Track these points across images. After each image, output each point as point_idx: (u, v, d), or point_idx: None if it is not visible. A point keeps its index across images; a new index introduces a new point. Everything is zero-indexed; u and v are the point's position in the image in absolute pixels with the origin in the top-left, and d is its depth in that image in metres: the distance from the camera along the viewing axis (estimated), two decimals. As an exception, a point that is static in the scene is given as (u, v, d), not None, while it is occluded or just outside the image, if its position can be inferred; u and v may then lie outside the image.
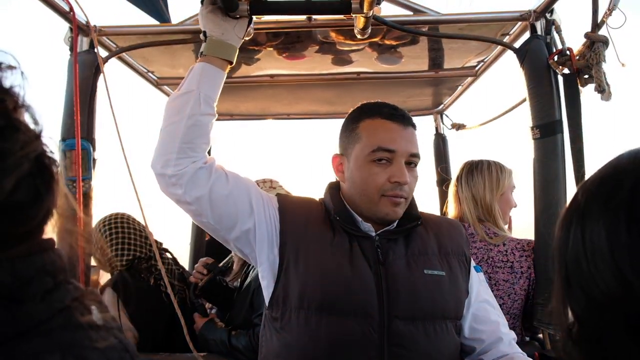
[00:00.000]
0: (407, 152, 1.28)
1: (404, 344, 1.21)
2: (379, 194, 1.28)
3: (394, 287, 1.24)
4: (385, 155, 1.27)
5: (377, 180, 1.27)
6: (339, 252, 1.27)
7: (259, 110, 3.37)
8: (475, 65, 2.54)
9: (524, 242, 1.94)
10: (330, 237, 1.29)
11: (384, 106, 1.34)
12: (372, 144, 1.28)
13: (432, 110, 3.38)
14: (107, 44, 2.05)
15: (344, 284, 1.23)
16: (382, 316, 1.21)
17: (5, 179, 0.45)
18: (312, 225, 1.31)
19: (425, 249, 1.34)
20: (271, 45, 2.18)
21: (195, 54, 2.31)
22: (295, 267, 1.26)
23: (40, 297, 0.48)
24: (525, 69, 1.88)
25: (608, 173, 0.58)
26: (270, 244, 1.30)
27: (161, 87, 2.71)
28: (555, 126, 1.81)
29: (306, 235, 1.29)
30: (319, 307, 1.22)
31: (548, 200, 1.83)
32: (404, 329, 1.22)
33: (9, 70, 0.48)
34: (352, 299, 1.22)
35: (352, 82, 2.63)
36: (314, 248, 1.27)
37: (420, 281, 1.27)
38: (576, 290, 0.56)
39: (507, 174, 2.02)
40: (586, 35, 1.70)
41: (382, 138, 1.28)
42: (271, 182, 2.32)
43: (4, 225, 0.47)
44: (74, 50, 1.82)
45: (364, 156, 1.30)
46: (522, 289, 1.89)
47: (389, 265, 1.27)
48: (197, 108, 1.26)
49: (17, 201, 0.47)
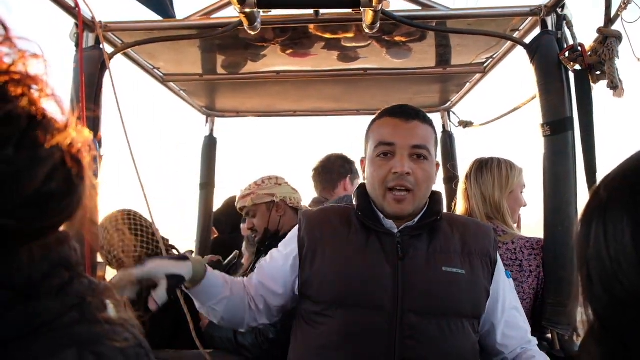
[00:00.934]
0: (407, 144, 1.32)
1: (417, 337, 1.24)
2: (384, 187, 1.34)
3: (411, 281, 1.28)
4: (386, 149, 1.34)
5: (380, 173, 1.34)
6: (354, 247, 1.33)
7: (265, 107, 3.36)
8: (483, 62, 2.51)
9: (533, 240, 1.91)
10: (346, 233, 1.37)
11: (395, 106, 1.41)
12: (375, 141, 1.37)
13: (439, 108, 3.35)
14: (113, 40, 2.04)
15: (357, 277, 1.29)
16: (396, 309, 1.25)
17: (38, 168, 0.44)
18: (329, 225, 1.40)
19: (448, 247, 1.36)
20: (277, 42, 2.16)
21: (201, 50, 2.30)
22: (311, 264, 1.36)
23: (56, 291, 0.48)
24: (536, 65, 1.86)
25: (632, 167, 0.55)
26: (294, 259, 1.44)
27: (167, 83, 2.70)
28: (566, 123, 1.78)
29: (322, 235, 1.38)
30: (333, 300, 1.30)
31: (558, 198, 1.81)
32: (418, 323, 1.25)
33: (33, 59, 0.47)
34: (364, 291, 1.28)
35: (358, 78, 2.61)
36: (330, 245, 1.35)
37: (437, 278, 1.30)
38: (597, 289, 0.54)
39: (517, 172, 2.00)
40: (599, 30, 1.67)
41: (383, 133, 1.36)
42: (277, 179, 2.31)
43: (34, 216, 0.45)
44: (79, 46, 1.81)
45: (372, 154, 1.38)
46: (530, 288, 1.86)
47: (408, 260, 1.31)
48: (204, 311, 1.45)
49: (51, 191, 0.46)
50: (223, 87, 2.94)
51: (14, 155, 0.42)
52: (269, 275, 1.43)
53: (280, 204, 2.21)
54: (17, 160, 0.42)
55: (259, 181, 2.28)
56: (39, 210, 0.46)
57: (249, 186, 2.28)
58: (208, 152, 3.46)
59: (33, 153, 0.44)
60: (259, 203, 2.21)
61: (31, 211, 0.45)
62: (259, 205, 2.22)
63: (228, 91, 3.03)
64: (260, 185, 2.25)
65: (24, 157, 0.43)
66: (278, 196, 2.22)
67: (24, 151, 0.43)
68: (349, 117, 3.47)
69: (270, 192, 2.22)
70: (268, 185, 2.25)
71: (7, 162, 0.41)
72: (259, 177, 2.32)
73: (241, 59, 2.40)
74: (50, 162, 0.45)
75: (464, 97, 3.09)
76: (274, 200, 2.21)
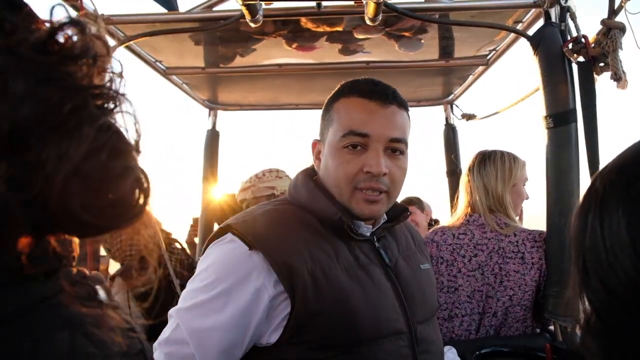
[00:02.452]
0: (384, 136, 1.06)
1: (428, 348, 1.10)
2: (352, 187, 1.07)
3: (409, 291, 1.11)
4: (358, 140, 1.06)
5: (347, 169, 1.06)
6: (342, 264, 1.05)
7: (267, 100, 3.36)
8: (486, 54, 2.50)
9: (535, 233, 1.92)
10: (325, 246, 1.05)
11: (364, 82, 1.12)
12: (343, 127, 1.07)
13: (442, 100, 3.34)
14: (115, 33, 2.04)
15: (367, 302, 1.02)
16: (409, 327, 1.07)
17: (126, 178, 0.47)
18: (298, 239, 1.04)
19: (408, 244, 1.23)
20: (279, 35, 2.16)
21: (203, 43, 2.30)
22: (307, 300, 0.98)
23: (45, 275, 0.48)
24: (539, 57, 1.85)
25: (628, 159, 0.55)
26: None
27: (169, 76, 2.70)
28: (569, 115, 1.78)
29: (302, 254, 1.01)
30: (349, 338, 1.00)
31: (561, 191, 1.81)
32: (425, 333, 1.11)
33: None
34: (380, 318, 1.03)
35: (361, 71, 2.60)
36: (319, 267, 1.01)
37: (421, 279, 1.17)
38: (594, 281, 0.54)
39: (521, 165, 1.99)
40: (602, 22, 1.66)
41: (354, 119, 1.07)
42: (277, 172, 2.32)
43: (113, 216, 0.49)
44: (82, 39, 1.80)
45: (335, 142, 1.08)
46: (533, 280, 1.87)
47: (395, 267, 1.13)
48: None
49: (129, 197, 0.48)
50: (225, 80, 2.94)
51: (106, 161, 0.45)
52: (227, 341, 0.98)
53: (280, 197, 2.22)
54: (110, 167, 0.45)
55: (260, 174, 2.29)
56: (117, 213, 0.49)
57: (250, 178, 2.29)
58: (211, 145, 3.46)
59: (123, 162, 0.47)
60: (259, 196, 2.22)
61: (111, 211, 0.48)
62: (260, 197, 2.22)
63: (230, 84, 3.03)
64: (261, 178, 2.26)
65: (117, 165, 0.46)
66: (279, 189, 2.23)
67: (116, 160, 0.46)
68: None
69: (270, 185, 2.23)
70: (269, 178, 2.26)
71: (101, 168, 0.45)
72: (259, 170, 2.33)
73: (243, 51, 2.40)
74: (134, 173, 0.48)
75: (467, 90, 3.08)
76: (274, 193, 2.22)
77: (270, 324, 1.00)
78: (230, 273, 0.99)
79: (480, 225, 1.93)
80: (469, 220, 1.96)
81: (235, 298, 0.98)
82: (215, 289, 0.99)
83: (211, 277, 1.01)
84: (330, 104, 1.15)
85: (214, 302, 0.98)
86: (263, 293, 0.98)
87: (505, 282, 1.86)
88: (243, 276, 0.99)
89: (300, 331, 0.98)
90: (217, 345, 0.97)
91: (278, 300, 0.99)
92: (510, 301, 1.87)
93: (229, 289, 0.98)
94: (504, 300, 1.87)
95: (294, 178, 1.22)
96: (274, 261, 0.98)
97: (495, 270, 1.87)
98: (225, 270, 1.00)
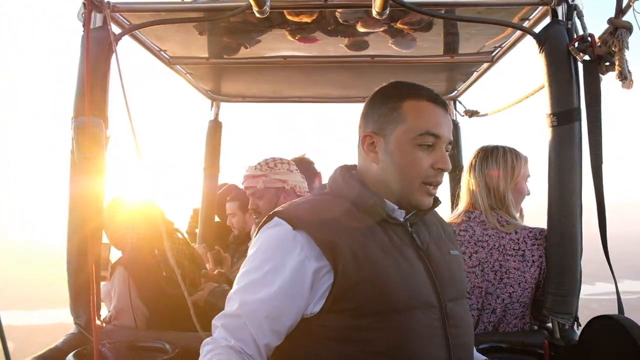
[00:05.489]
0: (448, 138, 1.24)
1: (458, 324, 1.22)
2: (420, 180, 1.22)
3: (439, 271, 1.23)
4: (432, 140, 1.22)
5: (421, 165, 1.22)
6: (378, 244, 1.18)
7: (271, 92, 3.36)
8: (491, 51, 2.49)
9: (536, 230, 1.92)
10: (362, 228, 1.19)
11: (424, 89, 1.28)
12: (419, 127, 1.21)
13: (446, 97, 3.33)
14: (121, 21, 2.03)
15: (401, 276, 1.16)
16: (440, 301, 1.19)
17: None
18: (338, 223, 1.18)
19: (439, 232, 1.35)
20: (285, 27, 2.15)
21: (208, 33, 2.29)
22: (348, 273, 1.12)
23: None
24: (545, 55, 1.84)
25: None
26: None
27: (174, 66, 2.69)
28: (573, 114, 1.78)
29: (341, 235, 1.15)
30: (385, 308, 1.13)
31: (563, 189, 1.81)
32: (455, 310, 1.23)
33: None
34: (413, 290, 1.17)
35: (366, 65, 2.60)
36: (357, 246, 1.15)
37: (451, 262, 1.30)
38: None
39: (523, 162, 1.99)
40: (609, 21, 1.65)
41: (430, 121, 1.22)
42: (289, 165, 2.29)
43: None
44: (87, 26, 1.80)
45: (409, 139, 1.22)
46: (532, 278, 1.88)
47: (427, 250, 1.26)
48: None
49: None
50: (229, 72, 2.93)
51: None
52: (276, 310, 1.13)
53: (289, 191, 2.21)
54: None
55: (272, 163, 2.24)
56: None
57: (260, 166, 2.23)
58: (213, 136, 3.46)
59: None
60: (269, 187, 2.20)
61: None
62: (269, 189, 2.21)
63: (234, 75, 3.02)
64: (273, 168, 2.22)
65: None
66: (289, 184, 2.21)
67: None
68: (354, 104, 3.45)
69: (283, 178, 2.21)
70: (281, 170, 2.23)
71: None
72: (269, 157, 2.30)
73: (248, 43, 2.39)
74: None
75: (470, 86, 3.08)
76: (285, 187, 2.20)
77: (314, 295, 1.15)
78: (278, 251, 1.16)
79: (481, 222, 1.94)
80: (469, 217, 1.97)
81: (282, 271, 1.13)
82: (265, 267, 1.15)
83: (260, 257, 1.18)
84: (397, 102, 1.25)
85: (265, 277, 1.14)
86: (307, 265, 1.13)
87: (505, 279, 1.87)
88: (289, 252, 1.14)
89: (341, 300, 1.13)
90: (267, 314, 1.12)
91: (321, 273, 1.14)
92: (509, 298, 1.88)
93: (276, 265, 1.14)
94: (503, 297, 1.88)
95: (333, 172, 1.35)
96: (316, 238, 1.13)
97: (495, 267, 1.88)
98: (272, 249, 1.17)
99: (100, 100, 1.84)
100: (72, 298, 1.85)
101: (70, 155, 1.81)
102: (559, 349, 1.75)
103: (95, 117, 1.76)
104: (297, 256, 1.13)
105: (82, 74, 1.81)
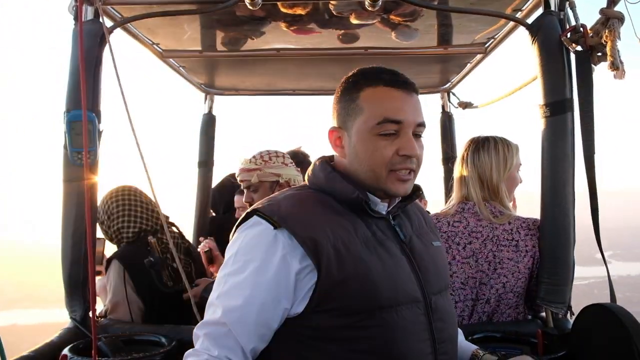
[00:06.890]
0: (414, 122, 1.18)
1: (443, 317, 1.20)
2: (387, 169, 1.17)
3: (423, 264, 1.21)
4: (392, 127, 1.16)
5: (384, 154, 1.16)
6: (361, 239, 1.16)
7: (264, 85, 3.34)
8: (485, 42, 2.50)
9: (529, 221, 1.93)
10: (345, 224, 1.16)
11: (384, 72, 1.21)
12: (376, 116, 1.16)
13: (439, 88, 3.34)
14: (112, 14, 2.02)
15: (386, 272, 1.14)
16: (425, 295, 1.18)
17: None
18: (323, 219, 1.15)
19: (420, 223, 1.33)
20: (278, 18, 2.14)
21: (201, 26, 2.28)
22: (331, 272, 1.09)
23: None
24: (537, 45, 1.85)
25: None
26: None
27: (166, 59, 2.68)
28: (566, 104, 1.79)
29: (325, 233, 1.12)
30: (370, 306, 1.11)
31: (555, 179, 1.82)
32: (439, 303, 1.21)
33: None
34: (398, 286, 1.14)
35: (359, 57, 2.59)
36: (340, 242, 1.12)
37: (434, 254, 1.28)
38: None
39: (514, 151, 1.99)
40: (601, 11, 1.66)
41: (387, 108, 1.17)
42: (284, 158, 2.28)
43: None
44: (78, 19, 1.79)
45: (368, 129, 1.18)
46: (526, 268, 1.89)
47: (410, 242, 1.24)
48: None
49: None
50: (222, 65, 2.92)
51: None
52: (262, 314, 1.09)
53: (284, 185, 2.21)
54: None
55: (266, 157, 2.24)
56: None
57: (254, 159, 2.23)
58: (207, 130, 3.45)
59: None
60: (264, 181, 2.20)
61: None
62: (264, 182, 2.20)
63: (227, 68, 3.01)
64: (267, 162, 2.21)
65: None
66: (284, 177, 2.21)
67: None
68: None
69: (277, 172, 2.20)
70: (276, 164, 2.22)
71: None
72: (264, 150, 2.29)
73: (241, 35, 2.38)
74: None
75: (464, 78, 3.08)
76: (279, 181, 2.20)
77: (297, 295, 1.11)
78: (259, 252, 1.11)
79: (475, 213, 1.94)
80: (463, 208, 1.97)
81: (265, 273, 1.09)
82: (246, 270, 1.10)
83: (241, 259, 1.12)
84: (354, 93, 1.21)
85: (247, 281, 1.10)
86: (290, 265, 1.10)
87: (498, 270, 1.88)
88: (271, 253, 1.10)
89: (326, 299, 1.10)
90: (253, 319, 1.08)
91: (304, 273, 1.10)
92: (503, 288, 1.89)
93: (259, 267, 1.10)
94: (497, 287, 1.89)
95: (311, 165, 1.31)
96: (299, 237, 1.09)
97: (489, 257, 1.89)
98: (253, 250, 1.12)
99: (93, 94, 1.83)
100: (67, 292, 1.85)
101: (62, 150, 1.80)
102: (552, 337, 1.76)
103: (88, 111, 1.75)
104: (280, 256, 1.09)
105: (74, 68, 1.80)
